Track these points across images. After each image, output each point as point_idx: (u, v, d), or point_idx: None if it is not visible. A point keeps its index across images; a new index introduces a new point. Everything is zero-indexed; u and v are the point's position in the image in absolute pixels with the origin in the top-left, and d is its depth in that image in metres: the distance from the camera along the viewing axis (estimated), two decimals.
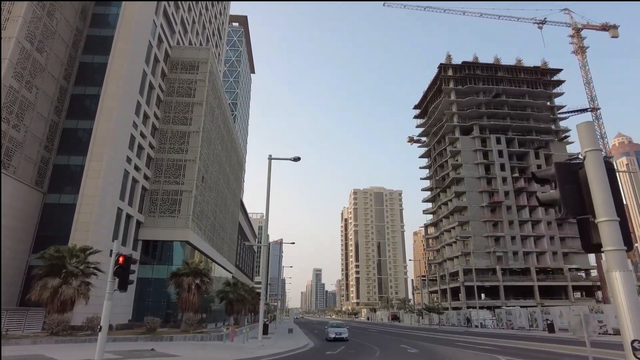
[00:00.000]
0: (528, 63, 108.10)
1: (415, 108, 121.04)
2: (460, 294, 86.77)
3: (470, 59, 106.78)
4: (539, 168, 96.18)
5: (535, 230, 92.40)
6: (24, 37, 30.62)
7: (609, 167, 5.42)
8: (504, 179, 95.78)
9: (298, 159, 27.43)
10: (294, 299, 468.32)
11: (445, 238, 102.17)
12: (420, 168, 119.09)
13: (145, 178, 40.70)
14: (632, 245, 5.23)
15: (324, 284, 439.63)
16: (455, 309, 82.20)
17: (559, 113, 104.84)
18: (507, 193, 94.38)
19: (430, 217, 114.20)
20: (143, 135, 39.66)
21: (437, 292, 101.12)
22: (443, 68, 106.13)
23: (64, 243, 27.19)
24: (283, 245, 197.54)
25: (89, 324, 23.77)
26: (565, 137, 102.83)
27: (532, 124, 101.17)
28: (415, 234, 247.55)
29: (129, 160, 36.59)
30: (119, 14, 36.95)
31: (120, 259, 13.82)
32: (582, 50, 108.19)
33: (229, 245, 65.31)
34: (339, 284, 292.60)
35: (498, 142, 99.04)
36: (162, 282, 37.19)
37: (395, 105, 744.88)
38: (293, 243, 54.83)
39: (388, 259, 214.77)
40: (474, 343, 27.75)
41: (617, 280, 4.91)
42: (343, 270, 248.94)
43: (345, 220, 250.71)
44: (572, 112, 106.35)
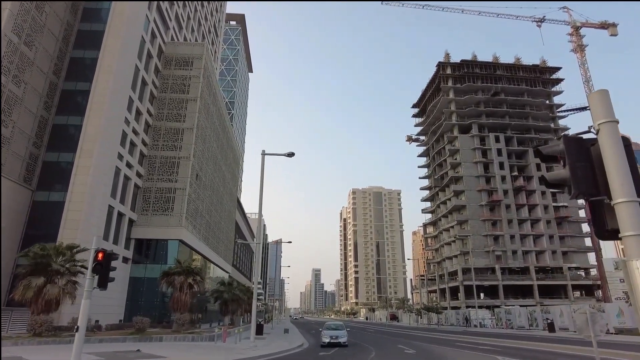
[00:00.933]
0: (527, 61, 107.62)
1: (414, 107, 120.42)
2: (460, 294, 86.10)
3: (469, 58, 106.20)
4: (538, 167, 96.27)
5: (535, 229, 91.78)
6: (11, 29, 29.84)
7: (626, 142, 4.73)
8: (503, 178, 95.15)
9: (292, 155, 26.72)
10: (293, 299, 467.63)
11: (444, 237, 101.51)
12: (419, 167, 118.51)
13: (138, 176, 39.94)
14: None
15: (323, 284, 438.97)
16: (455, 309, 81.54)
17: (558, 111, 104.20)
18: (506, 192, 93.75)
19: (429, 216, 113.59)
20: (135, 132, 38.91)
21: (436, 291, 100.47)
22: (442, 66, 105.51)
23: (53, 241, 26.42)
24: (282, 246, 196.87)
25: (75, 324, 22.94)
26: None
27: (531, 123, 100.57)
28: (415, 234, 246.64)
29: (121, 157, 35.82)
30: (110, 9, 36.20)
31: (100, 256, 13.11)
32: (581, 49, 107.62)
33: (226, 245, 64.55)
34: (338, 284, 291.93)
35: (497, 140, 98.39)
36: (155, 281, 36.34)
37: (394, 105, 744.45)
38: (290, 242, 54.30)
39: (387, 259, 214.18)
40: (473, 343, 27.06)
41: (638, 270, 4.21)
42: (342, 270, 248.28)
43: (344, 220, 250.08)
44: (571, 110, 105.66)
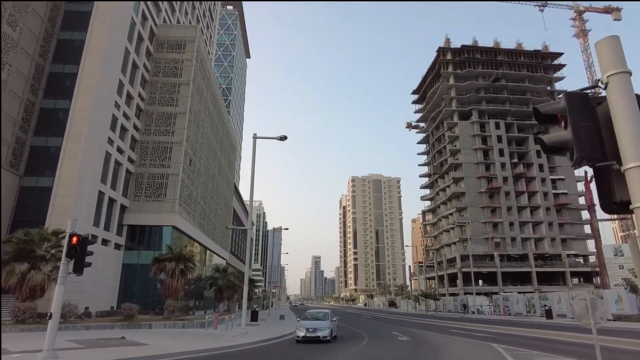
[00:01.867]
0: (529, 47, 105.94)
1: (414, 93, 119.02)
2: (458, 280, 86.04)
3: (470, 43, 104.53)
4: (538, 154, 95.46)
5: (534, 216, 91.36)
6: None
7: None
8: (503, 165, 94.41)
9: (284, 138, 25.92)
10: (293, 286, 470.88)
11: (443, 224, 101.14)
12: (419, 154, 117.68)
13: (130, 161, 39.17)
14: None
15: (323, 271, 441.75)
16: (453, 295, 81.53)
17: (559, 98, 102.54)
18: (505, 179, 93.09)
19: (428, 203, 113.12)
20: (127, 117, 38.02)
21: (434, 278, 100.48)
22: (442, 52, 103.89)
23: (43, 228, 25.79)
24: (282, 233, 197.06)
25: (60, 311, 22.44)
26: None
27: (531, 109, 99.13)
28: (414, 221, 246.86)
29: (111, 142, 35.01)
30: None
31: (74, 239, 12.40)
32: (584, 34, 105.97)
33: (222, 232, 64.04)
34: (338, 271, 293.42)
35: (497, 127, 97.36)
36: (148, 268, 35.99)
37: (395, 92, 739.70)
38: (287, 229, 53.69)
39: (386, 246, 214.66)
40: (469, 330, 26.61)
41: None
42: (341, 258, 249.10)
43: (344, 208, 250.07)
44: None
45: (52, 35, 35.42)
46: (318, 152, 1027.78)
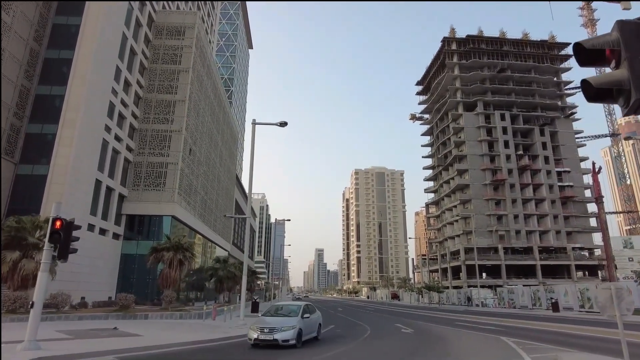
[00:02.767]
0: (535, 37, 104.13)
1: (418, 84, 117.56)
2: (461, 273, 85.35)
3: (475, 33, 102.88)
4: (544, 145, 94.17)
5: (539, 209, 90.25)
6: None
7: None
8: (508, 157, 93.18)
9: (284, 124, 25.07)
10: (297, 279, 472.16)
11: (447, 217, 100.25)
12: (422, 146, 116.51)
13: (129, 149, 38.42)
14: None
15: (326, 264, 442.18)
16: (456, 288, 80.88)
17: (566, 89, 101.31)
18: (510, 171, 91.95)
19: (432, 195, 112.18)
20: (124, 104, 37.19)
21: (437, 271, 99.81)
22: (447, 42, 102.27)
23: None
24: (285, 226, 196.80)
25: (53, 301, 21.86)
26: (572, 113, 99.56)
27: (537, 100, 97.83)
28: (417, 214, 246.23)
29: (109, 130, 34.24)
30: None
31: (57, 223, 11.65)
32: (592, 23, 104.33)
33: (224, 223, 63.44)
34: (341, 264, 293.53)
35: (502, 118, 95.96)
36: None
37: (398, 84, 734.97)
38: (289, 220, 53.01)
39: (389, 239, 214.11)
40: (475, 322, 25.86)
41: None
42: (344, 250, 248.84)
43: (347, 201, 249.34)
44: (579, 87, 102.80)
45: (47, 20, 34.53)
46: (321, 145, 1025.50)
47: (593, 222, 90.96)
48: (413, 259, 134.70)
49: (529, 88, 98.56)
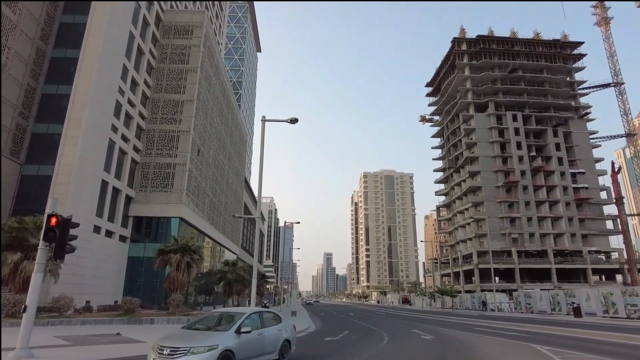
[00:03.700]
0: (547, 37, 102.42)
1: (428, 86, 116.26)
2: (474, 277, 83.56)
3: (486, 33, 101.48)
4: (557, 146, 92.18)
5: (553, 212, 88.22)
6: None
7: None
8: (521, 158, 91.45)
9: (295, 121, 24.03)
10: (305, 283, 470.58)
11: (459, 220, 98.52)
12: (433, 148, 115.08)
13: (136, 150, 37.75)
14: None
15: (335, 268, 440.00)
16: (469, 292, 79.12)
17: (580, 89, 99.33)
18: (523, 172, 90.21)
19: (443, 198, 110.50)
20: (132, 104, 36.55)
21: (449, 275, 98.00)
22: (457, 42, 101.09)
23: None
24: (294, 230, 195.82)
25: (55, 305, 21.00)
26: (586, 113, 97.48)
27: (550, 101, 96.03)
28: (427, 218, 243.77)
29: (115, 130, 33.57)
30: None
31: (53, 220, 10.73)
32: (605, 22, 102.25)
33: (233, 226, 62.64)
34: (350, 268, 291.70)
35: (514, 119, 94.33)
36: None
37: (408, 86, 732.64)
38: (298, 222, 51.92)
39: (399, 243, 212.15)
40: (496, 328, 24.54)
41: None
42: (353, 254, 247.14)
43: (356, 204, 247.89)
44: (593, 87, 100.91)
45: (53, 19, 34.09)
46: (329, 148, 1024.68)
47: (610, 224, 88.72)
48: (424, 263, 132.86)
49: (541, 88, 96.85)
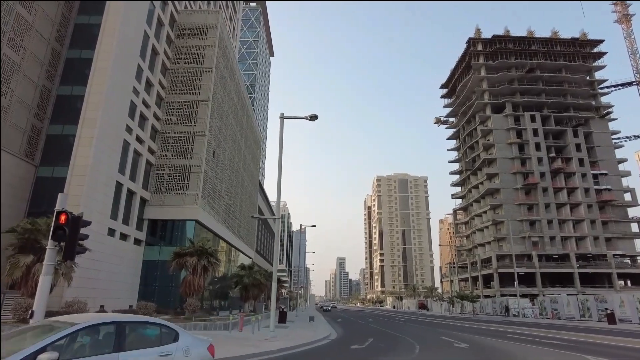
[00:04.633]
0: (565, 35, 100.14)
1: (443, 87, 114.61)
2: (493, 282, 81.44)
3: (502, 33, 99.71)
4: (578, 147, 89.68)
5: (574, 214, 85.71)
6: None
7: None
8: (540, 159, 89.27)
9: (315, 118, 23.13)
10: (318, 288, 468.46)
11: (476, 223, 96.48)
12: (449, 150, 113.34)
13: (150, 152, 37.15)
14: None
15: (348, 273, 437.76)
16: (488, 297, 77.08)
17: (600, 88, 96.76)
18: (542, 174, 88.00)
19: (459, 201, 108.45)
20: (146, 104, 35.99)
21: (467, 279, 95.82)
22: (472, 43, 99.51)
23: None
24: (307, 235, 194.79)
25: (68, 310, 20.20)
26: (608, 113, 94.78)
27: (569, 100, 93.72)
28: (441, 222, 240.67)
29: (130, 130, 32.97)
30: None
31: (62, 217, 9.82)
32: (626, 19, 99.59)
33: (248, 230, 61.86)
34: (363, 273, 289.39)
35: (532, 120, 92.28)
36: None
37: (421, 88, 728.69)
38: (314, 226, 51.04)
39: (413, 247, 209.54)
40: (531, 335, 23.06)
41: None
42: (367, 259, 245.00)
43: (369, 208, 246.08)
44: (614, 86, 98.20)
45: (68, 20, 33.73)
46: (341, 152, 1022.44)
47: (635, 227, 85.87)
48: (440, 268, 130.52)
49: (560, 88, 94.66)
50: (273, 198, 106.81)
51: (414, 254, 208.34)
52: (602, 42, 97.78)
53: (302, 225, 56.08)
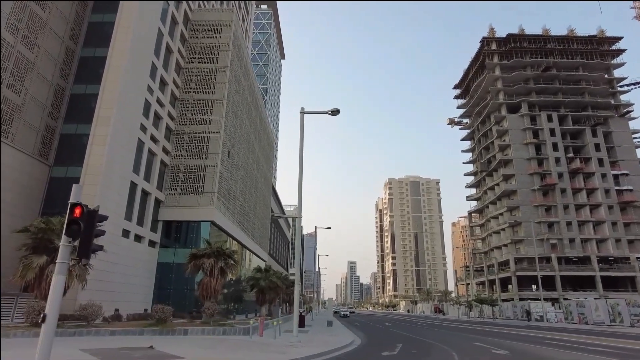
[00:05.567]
0: (582, 33, 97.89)
1: (456, 88, 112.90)
2: (511, 285, 79.38)
3: (516, 31, 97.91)
4: (597, 147, 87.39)
5: (594, 215, 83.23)
6: None
7: None
8: (557, 160, 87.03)
9: (336, 112, 22.16)
10: (329, 291, 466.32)
11: (492, 225, 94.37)
12: (463, 151, 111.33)
13: (165, 152, 36.45)
14: None
15: (359, 277, 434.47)
16: (505, 301, 75.10)
17: (619, 86, 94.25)
18: (560, 175, 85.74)
19: (474, 204, 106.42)
20: (161, 103, 35.34)
21: (483, 283, 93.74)
22: (486, 42, 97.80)
23: None
24: (318, 239, 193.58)
25: (82, 313, 19.38)
26: (628, 112, 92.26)
27: (587, 99, 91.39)
28: (454, 225, 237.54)
29: (144, 129, 32.30)
30: None
31: (77, 211, 8.86)
32: None
33: (262, 232, 60.97)
34: (375, 277, 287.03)
35: (549, 119, 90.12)
36: (184, 266, 32.98)
37: (432, 91, 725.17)
38: (329, 228, 49.95)
39: (426, 250, 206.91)
40: (570, 342, 21.63)
41: None
42: (379, 262, 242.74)
43: (380, 212, 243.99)
44: (634, 84, 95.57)
45: (82, 18, 33.25)
46: (352, 155, 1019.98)
47: None
48: (455, 271, 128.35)
49: (578, 87, 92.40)
50: (285, 201, 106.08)
51: (427, 258, 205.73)
52: (620, 39, 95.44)
53: (316, 227, 54.95)
